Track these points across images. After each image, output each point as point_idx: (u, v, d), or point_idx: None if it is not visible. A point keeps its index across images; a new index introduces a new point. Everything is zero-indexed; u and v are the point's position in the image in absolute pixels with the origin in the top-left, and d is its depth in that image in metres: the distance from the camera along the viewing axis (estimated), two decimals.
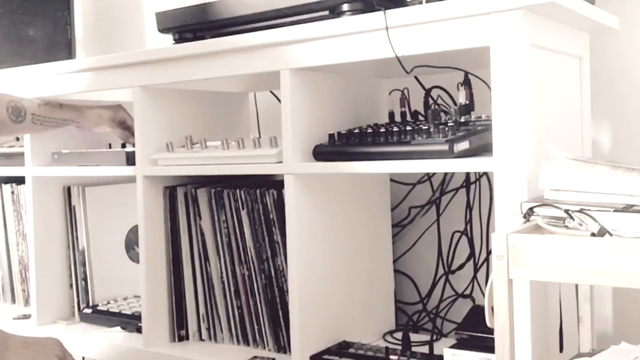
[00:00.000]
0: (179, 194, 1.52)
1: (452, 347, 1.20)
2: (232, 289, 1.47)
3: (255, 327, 1.45)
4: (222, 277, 1.48)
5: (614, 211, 0.87)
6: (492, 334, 0.87)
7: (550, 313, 1.10)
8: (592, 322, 1.14)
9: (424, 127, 1.20)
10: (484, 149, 1.17)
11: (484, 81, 1.38)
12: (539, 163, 1.07)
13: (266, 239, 1.42)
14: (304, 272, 1.30)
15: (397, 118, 1.43)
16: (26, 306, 1.89)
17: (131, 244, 1.82)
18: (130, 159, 1.52)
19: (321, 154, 1.28)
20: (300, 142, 1.28)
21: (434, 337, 1.47)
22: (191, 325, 1.53)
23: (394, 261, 1.58)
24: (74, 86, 1.60)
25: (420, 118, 1.47)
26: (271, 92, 1.75)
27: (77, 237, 1.77)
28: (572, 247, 0.82)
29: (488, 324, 0.89)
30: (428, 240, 1.63)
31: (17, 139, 1.83)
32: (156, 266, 1.52)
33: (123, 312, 1.68)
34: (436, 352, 1.27)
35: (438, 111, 1.28)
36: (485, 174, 1.54)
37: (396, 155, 1.20)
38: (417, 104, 1.48)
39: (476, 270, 1.55)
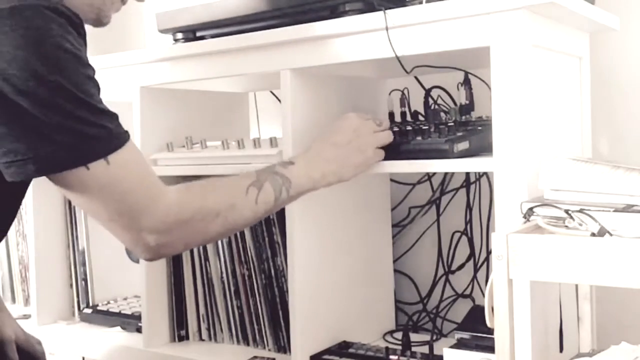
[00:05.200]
0: None
1: (452, 347, 1.20)
2: (232, 289, 1.47)
3: (255, 327, 1.45)
4: (222, 277, 1.48)
5: (614, 211, 0.87)
6: (492, 334, 0.87)
7: (550, 313, 1.10)
8: (592, 322, 1.14)
9: (424, 127, 1.20)
10: (484, 149, 1.17)
11: (484, 81, 1.38)
12: (539, 163, 1.07)
13: (266, 239, 1.42)
14: (304, 272, 1.30)
15: (397, 118, 1.43)
16: (26, 306, 1.89)
17: None
18: None
19: None
20: (300, 142, 1.28)
21: (434, 337, 1.47)
22: (191, 325, 1.53)
23: (394, 261, 1.58)
24: None
25: (420, 118, 1.47)
26: (271, 92, 1.75)
27: (77, 237, 1.77)
28: (572, 247, 0.82)
29: (488, 324, 0.89)
30: (428, 240, 1.63)
31: None
32: (156, 266, 1.52)
33: (123, 312, 1.68)
34: (436, 352, 1.27)
35: (438, 111, 1.28)
36: (485, 174, 1.54)
37: (396, 155, 1.20)
38: (417, 104, 1.48)
39: (476, 270, 1.55)
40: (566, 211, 0.89)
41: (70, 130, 0.92)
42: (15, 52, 0.89)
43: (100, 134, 0.95)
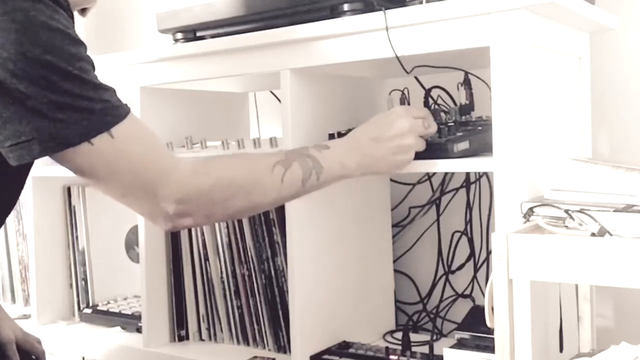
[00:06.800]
0: None
1: (452, 347, 1.20)
2: (232, 289, 1.47)
3: (255, 327, 1.45)
4: (222, 277, 1.48)
5: (614, 211, 0.87)
6: (492, 334, 0.87)
7: (550, 313, 1.10)
8: (592, 322, 1.14)
9: None
10: (484, 149, 1.17)
11: (484, 81, 1.38)
12: (539, 163, 1.07)
13: (266, 239, 1.42)
14: (304, 272, 1.30)
15: None
16: (26, 306, 1.89)
17: (131, 244, 1.82)
18: None
19: None
20: (300, 142, 1.28)
21: (434, 337, 1.47)
22: (191, 325, 1.53)
23: (394, 261, 1.58)
24: None
25: None
26: (271, 92, 1.75)
27: (77, 237, 1.77)
28: (572, 247, 0.82)
29: (488, 324, 0.89)
30: (428, 240, 1.63)
31: None
32: (156, 266, 1.52)
33: (123, 312, 1.68)
34: (436, 352, 1.27)
35: (438, 111, 1.28)
36: (485, 174, 1.54)
37: None
38: (417, 104, 1.48)
39: (476, 270, 1.55)
40: (566, 211, 0.89)
41: (70, 107, 0.92)
42: (6, 36, 0.89)
43: (100, 108, 0.94)
